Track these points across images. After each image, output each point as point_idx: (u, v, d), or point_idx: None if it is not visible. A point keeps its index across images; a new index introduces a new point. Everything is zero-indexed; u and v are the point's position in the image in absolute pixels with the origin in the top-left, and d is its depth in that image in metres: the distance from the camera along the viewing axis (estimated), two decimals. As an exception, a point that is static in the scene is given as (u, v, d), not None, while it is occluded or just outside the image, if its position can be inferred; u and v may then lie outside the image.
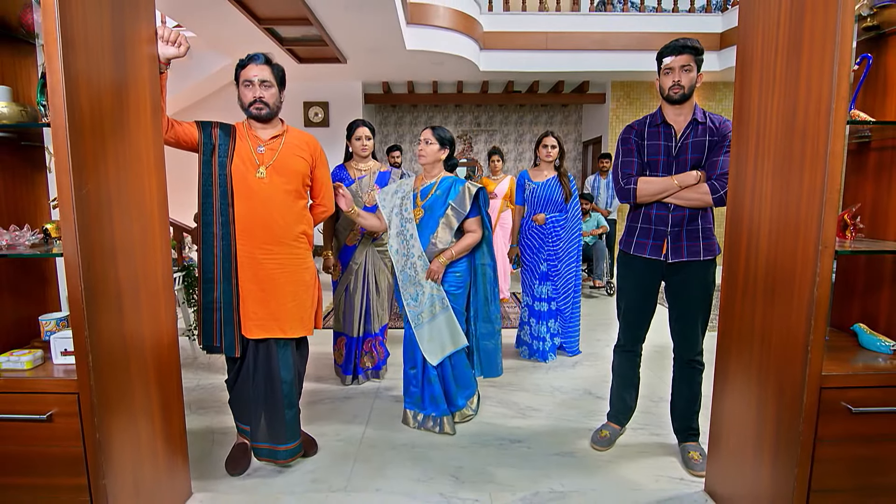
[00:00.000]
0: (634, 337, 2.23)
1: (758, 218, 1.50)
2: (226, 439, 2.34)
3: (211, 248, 1.89)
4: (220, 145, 1.90)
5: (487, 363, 2.51)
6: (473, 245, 2.35)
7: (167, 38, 1.66)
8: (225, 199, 1.88)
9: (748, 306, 1.56)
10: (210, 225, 1.89)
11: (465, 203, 2.30)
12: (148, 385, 1.55)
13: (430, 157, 2.32)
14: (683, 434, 2.20)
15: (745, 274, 1.57)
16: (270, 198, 1.92)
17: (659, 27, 6.37)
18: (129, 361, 1.46)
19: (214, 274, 1.90)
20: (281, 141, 1.99)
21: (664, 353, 3.08)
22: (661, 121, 2.05)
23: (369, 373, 3.08)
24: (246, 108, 1.93)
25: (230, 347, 1.94)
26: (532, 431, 2.43)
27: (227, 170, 1.88)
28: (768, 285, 1.46)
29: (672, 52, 1.97)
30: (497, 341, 2.50)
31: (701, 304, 2.06)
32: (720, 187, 1.91)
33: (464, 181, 2.33)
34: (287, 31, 4.97)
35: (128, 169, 1.46)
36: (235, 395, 2.07)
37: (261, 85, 1.91)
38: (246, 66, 1.92)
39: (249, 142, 1.94)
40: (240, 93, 1.93)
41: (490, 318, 2.47)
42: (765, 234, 1.47)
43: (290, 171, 1.97)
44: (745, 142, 1.57)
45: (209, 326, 1.94)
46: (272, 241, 1.94)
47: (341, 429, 2.46)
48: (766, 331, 1.47)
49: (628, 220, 2.17)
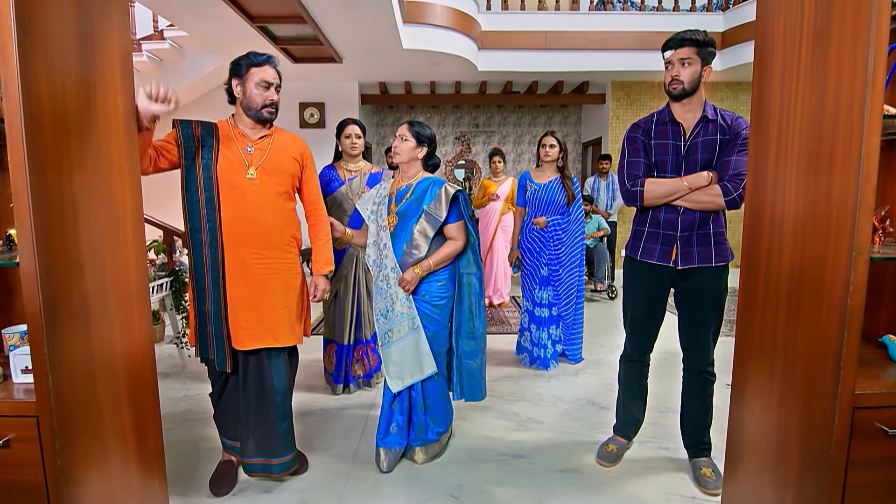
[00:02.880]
0: (642, 347, 2.11)
1: (780, 221, 1.39)
2: (212, 454, 2.22)
3: (200, 256, 1.79)
4: (203, 146, 1.78)
5: (469, 385, 2.19)
6: (454, 254, 2.09)
7: (155, 95, 1.50)
8: (211, 203, 1.76)
9: (769, 317, 1.44)
10: (198, 231, 1.78)
11: (440, 208, 2.03)
12: (119, 403, 1.43)
13: (404, 156, 2.09)
14: (694, 449, 2.09)
15: (766, 282, 1.45)
16: (261, 200, 1.82)
17: (659, 26, 6.27)
18: (97, 378, 1.34)
19: (205, 283, 1.79)
20: (270, 141, 1.89)
21: (672, 360, 2.97)
22: (668, 118, 1.93)
23: (361, 381, 2.96)
24: (258, 109, 1.82)
25: (221, 362, 1.83)
26: (534, 445, 2.31)
27: (212, 172, 1.77)
28: (792, 294, 1.34)
29: (672, 46, 1.86)
30: (481, 360, 2.20)
31: (712, 312, 1.94)
32: (733, 189, 1.80)
33: (442, 182, 2.08)
34: (281, 29, 4.85)
35: (96, 169, 1.34)
36: (222, 409, 1.96)
37: (276, 89, 1.86)
38: (262, 65, 1.83)
39: (237, 141, 1.83)
40: (248, 91, 1.81)
41: (474, 335, 2.16)
42: (788, 238, 1.36)
43: (281, 171, 1.87)
44: (764, 139, 1.46)
45: (204, 338, 1.84)
46: (264, 245, 1.84)
47: (333, 444, 2.34)
48: (790, 343, 1.36)
49: (634, 223, 2.06)
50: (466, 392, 2.20)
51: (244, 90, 1.82)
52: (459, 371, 2.20)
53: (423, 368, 2.09)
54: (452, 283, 2.14)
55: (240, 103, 1.84)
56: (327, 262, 2.06)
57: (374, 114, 8.48)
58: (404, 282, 2.03)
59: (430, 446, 2.19)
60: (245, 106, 1.83)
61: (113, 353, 1.40)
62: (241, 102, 1.84)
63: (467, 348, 2.17)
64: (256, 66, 1.82)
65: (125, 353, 1.45)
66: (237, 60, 1.84)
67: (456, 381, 2.22)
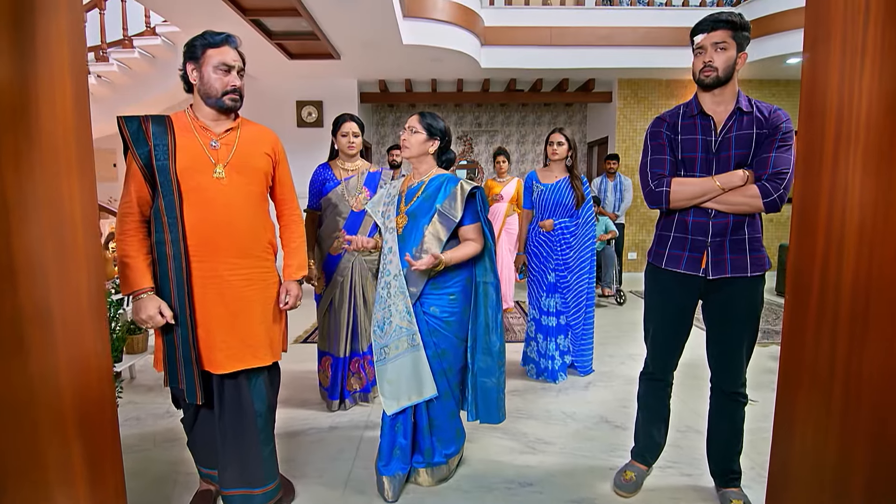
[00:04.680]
0: (665, 364, 1.90)
1: (840, 228, 1.18)
2: (190, 480, 2.02)
3: (165, 272, 1.57)
4: (156, 145, 1.54)
5: (485, 405, 1.96)
6: (472, 256, 1.87)
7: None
8: (172, 209, 1.54)
9: (825, 336, 1.24)
10: (162, 244, 1.56)
11: (455, 207, 1.83)
12: (67, 440, 1.22)
13: (414, 150, 1.90)
14: (723, 478, 1.88)
15: (821, 296, 1.25)
16: (233, 202, 1.61)
17: (668, 22, 6.08)
18: (37, 414, 1.14)
19: (172, 302, 1.58)
20: (237, 134, 1.66)
21: (690, 373, 2.75)
22: (697, 111, 1.73)
23: (357, 396, 2.76)
24: (218, 96, 1.59)
25: (191, 393, 1.61)
26: (544, 471, 2.11)
27: (171, 173, 1.54)
28: (857, 315, 1.14)
29: (704, 28, 1.65)
30: (499, 380, 1.96)
31: (746, 328, 1.73)
32: (773, 189, 1.59)
33: (457, 179, 1.88)
34: (275, 23, 4.67)
35: (35, 168, 1.14)
36: (196, 436, 1.76)
37: (238, 73, 1.61)
38: (220, 46, 1.59)
39: (198, 136, 1.61)
40: (205, 76, 1.58)
41: (491, 350, 1.93)
42: (851, 248, 1.15)
43: (252, 169, 1.66)
44: (818, 131, 1.25)
45: (174, 365, 1.62)
46: (238, 253, 1.63)
47: (324, 467, 2.13)
48: (853, 372, 1.15)
49: (658, 227, 1.85)
50: (482, 413, 1.97)
51: (200, 75, 1.59)
52: (474, 389, 1.97)
53: (421, 391, 1.88)
54: (467, 298, 1.92)
55: (197, 91, 1.62)
56: (300, 266, 1.84)
57: (373, 113, 8.28)
58: (421, 263, 1.73)
59: (437, 468, 1.99)
60: (203, 94, 1.61)
61: (58, 381, 1.19)
62: (199, 90, 1.61)
63: (483, 365, 1.94)
64: (213, 48, 1.58)
65: (75, 380, 1.25)
66: (191, 41, 1.60)
67: (471, 399, 1.99)
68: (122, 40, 5.41)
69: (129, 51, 5.31)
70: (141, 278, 1.56)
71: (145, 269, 1.57)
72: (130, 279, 1.55)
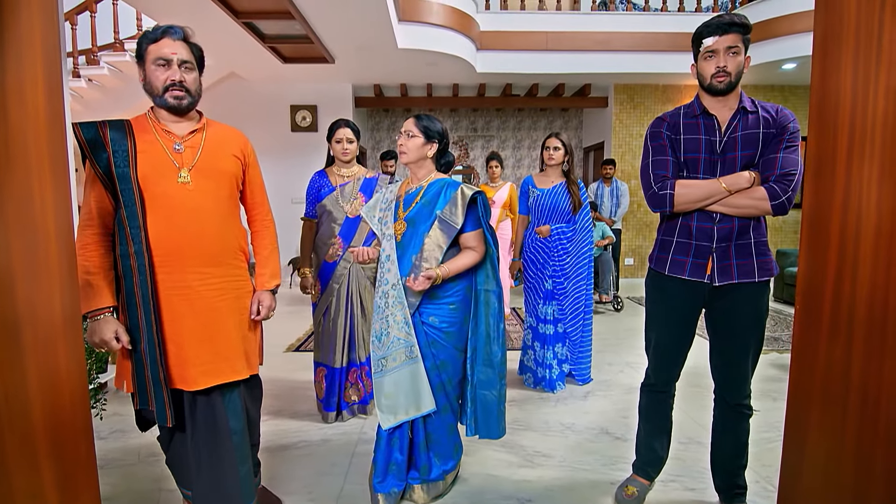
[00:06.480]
0: (667, 375, 1.84)
1: (854, 233, 1.13)
2: (174, 498, 1.93)
3: (131, 286, 1.47)
4: (115, 151, 1.45)
5: (485, 419, 1.88)
6: (471, 265, 1.81)
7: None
8: (135, 218, 1.44)
9: (838, 350, 1.18)
10: (126, 257, 1.47)
11: (456, 213, 1.76)
12: (36, 462, 1.15)
13: (412, 155, 1.83)
14: (728, 493, 1.81)
15: (834, 308, 1.19)
16: (199, 208, 1.51)
17: (664, 27, 6.07)
18: (2, 435, 1.06)
19: (139, 319, 1.47)
20: (202, 136, 1.57)
21: (692, 382, 2.70)
22: (700, 111, 1.68)
23: (355, 408, 2.68)
24: (160, 94, 1.49)
25: (161, 415, 1.51)
26: (543, 486, 2.03)
27: (132, 181, 1.44)
28: (874, 326, 1.08)
29: (715, 31, 1.59)
30: (500, 392, 1.89)
31: (752, 336, 1.68)
32: (781, 191, 1.54)
33: (458, 184, 1.81)
34: (268, 26, 4.61)
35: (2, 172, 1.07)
36: (174, 454, 1.67)
37: (180, 66, 1.49)
38: (158, 40, 1.48)
39: (160, 139, 1.51)
40: (147, 74, 1.49)
41: (492, 361, 1.86)
42: (867, 255, 1.10)
43: (219, 172, 1.56)
44: (830, 132, 1.20)
45: (143, 385, 1.51)
46: (208, 262, 1.53)
47: (312, 484, 2.05)
48: (871, 386, 1.09)
49: (660, 232, 1.79)
50: (481, 428, 1.90)
51: (144, 73, 1.50)
52: (473, 402, 1.90)
53: (420, 405, 1.81)
54: (467, 307, 1.86)
55: (146, 92, 1.53)
56: (273, 274, 1.75)
57: (368, 117, 8.24)
58: (419, 282, 1.70)
59: (433, 485, 1.91)
60: (148, 93, 1.51)
61: (25, 401, 1.12)
62: (145, 90, 1.52)
63: (483, 377, 1.87)
64: (153, 42, 1.47)
65: (46, 399, 1.17)
66: (138, 40, 1.52)
67: (469, 413, 1.92)
68: (113, 44, 5.33)
69: (120, 54, 5.24)
70: (98, 297, 1.46)
71: (104, 287, 1.47)
72: (88, 297, 1.45)
